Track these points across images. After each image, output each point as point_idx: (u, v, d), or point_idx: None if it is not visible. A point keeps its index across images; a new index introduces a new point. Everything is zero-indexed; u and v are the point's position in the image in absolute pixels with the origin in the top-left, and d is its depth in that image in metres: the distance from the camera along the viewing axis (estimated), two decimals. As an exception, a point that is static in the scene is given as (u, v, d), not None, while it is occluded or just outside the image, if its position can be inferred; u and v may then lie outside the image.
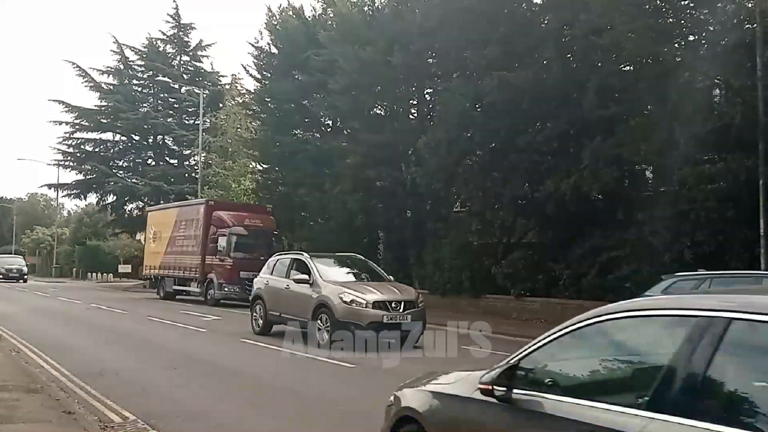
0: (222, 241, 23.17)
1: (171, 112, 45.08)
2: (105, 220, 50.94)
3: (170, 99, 45.44)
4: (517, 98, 18.32)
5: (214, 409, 7.54)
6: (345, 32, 25.17)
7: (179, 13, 44.25)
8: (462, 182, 20.59)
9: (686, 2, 16.21)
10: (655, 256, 15.73)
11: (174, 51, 45.28)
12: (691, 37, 16.37)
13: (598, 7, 15.81)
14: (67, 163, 45.17)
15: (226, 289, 23.23)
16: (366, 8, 26.56)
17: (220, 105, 40.76)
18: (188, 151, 43.58)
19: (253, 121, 34.49)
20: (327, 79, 25.04)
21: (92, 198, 47.42)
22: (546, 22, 19.84)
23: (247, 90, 37.79)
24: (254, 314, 14.58)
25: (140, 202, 44.76)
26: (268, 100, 31.13)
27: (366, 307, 11.78)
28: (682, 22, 16.30)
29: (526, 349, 3.52)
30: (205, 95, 38.87)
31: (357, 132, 25.08)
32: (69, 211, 78.32)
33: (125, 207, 46.02)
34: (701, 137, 14.84)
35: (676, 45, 15.98)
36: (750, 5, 12.80)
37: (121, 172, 45.13)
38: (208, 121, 39.03)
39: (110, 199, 45.49)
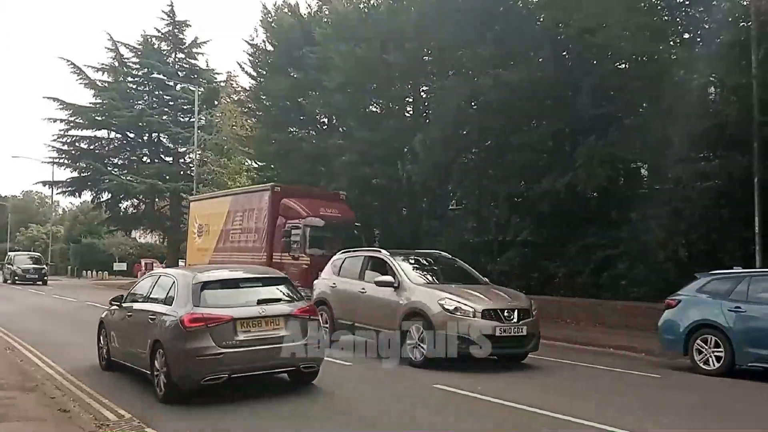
0: (295, 235, 19.01)
1: (166, 109, 44.95)
2: (100, 218, 50.80)
3: (165, 96, 45.30)
4: (513, 97, 18.34)
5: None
6: (340, 29, 25.12)
7: (174, 10, 44.18)
8: (457, 180, 20.61)
9: (681, 0, 16.23)
10: (650, 255, 15.80)
11: (169, 48, 45.14)
12: (686, 36, 16.42)
13: (593, 6, 15.80)
14: (61, 161, 45.01)
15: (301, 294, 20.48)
16: (361, 6, 26.48)
17: (216, 102, 40.60)
18: (183, 149, 43.49)
19: (248, 118, 34.36)
20: (322, 76, 24.97)
21: (87, 196, 47.29)
22: (541, 20, 19.84)
23: (242, 87, 37.66)
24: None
25: (135, 200, 44.65)
26: (264, 97, 31.05)
27: (474, 317, 9.74)
28: (677, 20, 16.34)
29: None
30: (200, 92, 38.75)
31: (352, 129, 25.05)
32: (64, 209, 78.21)
33: (120, 205, 45.89)
34: (696, 135, 14.89)
35: (671, 43, 16.01)
36: (745, 3, 12.85)
37: (116, 169, 45.00)
38: (204, 118, 38.94)
39: (105, 196, 45.31)
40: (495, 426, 6.98)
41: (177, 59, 45.10)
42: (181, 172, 43.12)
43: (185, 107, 43.98)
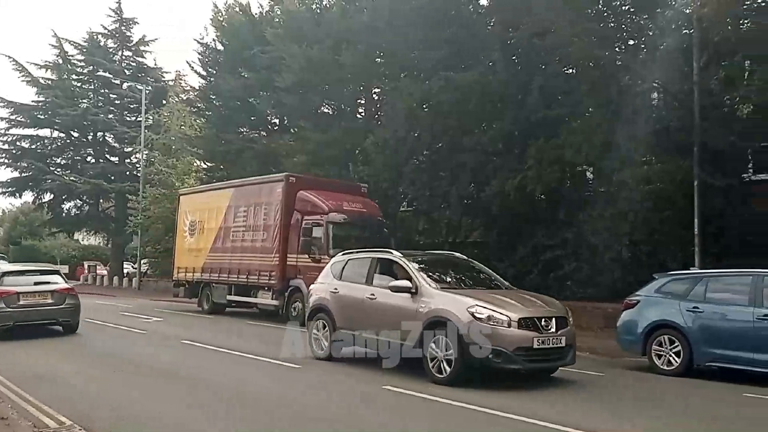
0: (317, 233, 16.50)
1: (112, 108, 43.78)
2: (41, 219, 49.16)
3: (111, 95, 44.14)
4: (464, 99, 18.51)
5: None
6: (292, 30, 24.99)
7: (121, 7, 43.05)
8: (409, 181, 20.67)
9: (627, 7, 16.67)
10: (595, 255, 16.15)
11: (115, 46, 44.01)
12: (631, 42, 16.86)
13: (542, 11, 16.10)
14: (1, 160, 43.38)
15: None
16: (314, 6, 26.42)
17: (164, 102, 39.83)
18: (130, 149, 42.45)
19: (197, 118, 33.88)
20: (274, 76, 24.80)
21: (28, 196, 45.53)
22: (492, 24, 20.13)
23: (191, 87, 37.15)
24: (314, 332, 10.96)
25: (79, 201, 43.38)
26: (214, 97, 30.64)
27: (510, 327, 8.46)
28: (623, 26, 16.76)
29: None
30: (147, 91, 37.97)
31: (304, 130, 24.90)
32: (3, 210, 75.38)
33: (63, 206, 44.49)
34: (640, 139, 15.31)
35: (617, 49, 16.41)
36: (687, 11, 13.25)
37: (58, 169, 43.55)
38: (151, 118, 38.12)
39: (47, 197, 43.84)
40: (445, 426, 7.00)
41: (124, 57, 44.02)
42: (127, 173, 42.11)
43: (132, 106, 42.97)
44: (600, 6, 16.53)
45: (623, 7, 16.64)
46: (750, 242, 14.77)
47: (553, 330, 8.70)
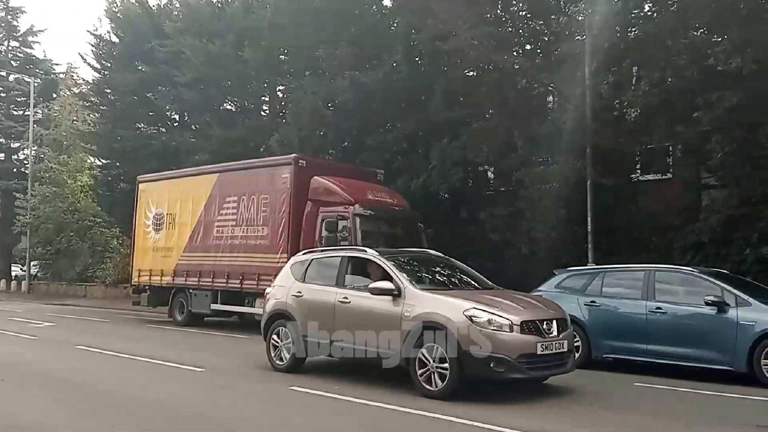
0: (342, 229, 13.83)
1: (-3, 101, 41.14)
2: None
3: (-4, 87, 41.46)
4: (368, 98, 18.66)
5: None
6: (192, 23, 24.35)
7: (7, -6, 40.48)
8: (314, 180, 20.56)
9: (524, 13, 17.25)
10: (497, 252, 16.69)
11: (1, 36, 41.36)
12: (528, 47, 17.47)
13: (443, 14, 16.43)
14: None
15: None
16: (215, 0, 25.81)
17: (54, 95, 37.86)
18: (17, 145, 39.99)
19: (91, 113, 32.40)
20: (173, 71, 24.08)
21: None
22: (395, 25, 20.35)
23: (84, 80, 35.48)
24: (273, 342, 9.72)
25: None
26: (108, 91, 29.32)
27: (512, 331, 7.59)
28: (520, 32, 17.33)
29: None
30: (36, 84, 35.88)
31: (206, 127, 24.33)
32: None
33: (-59, 204, 41.35)
34: (536, 140, 15.94)
35: (515, 53, 16.98)
36: (580, 19, 13.88)
37: (-64, 165, 40.51)
38: (40, 112, 36.14)
39: (-76, 195, 40.65)
40: (347, 425, 7.03)
41: (10, 48, 41.33)
42: (14, 170, 39.62)
43: (19, 99, 40.42)
44: (498, 11, 17.03)
45: (520, 13, 17.22)
46: (637, 238, 15.70)
47: (555, 334, 7.88)
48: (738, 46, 11.96)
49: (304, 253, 10.44)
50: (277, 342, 9.66)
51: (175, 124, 28.64)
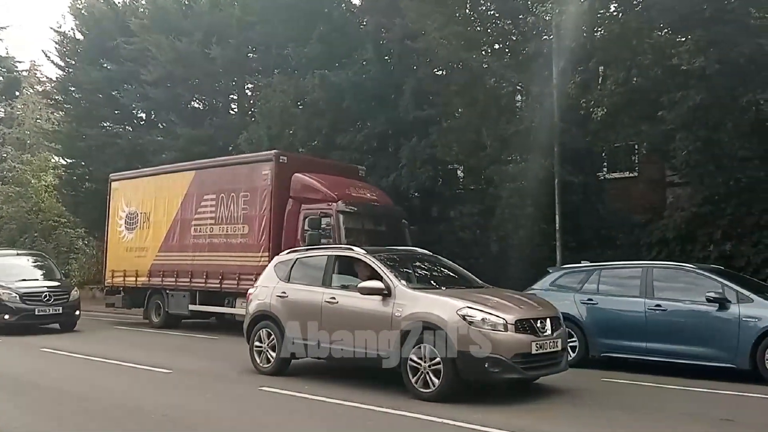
0: (326, 227, 13.49)
1: (-44, 99, 40.16)
2: None
3: (-45, 85, 40.47)
4: (338, 97, 18.61)
5: None
6: (159, 21, 24.03)
7: (-35, -12, 39.58)
8: (284, 179, 20.45)
9: (492, 12, 17.35)
10: (467, 250, 16.77)
11: (-40, 32, 40.38)
12: (497, 46, 17.58)
13: (413, 13, 16.47)
14: None
15: None
16: (182, -3, 25.53)
17: (17, 93, 37.08)
18: (-22, 143, 39.18)
19: (55, 111, 31.83)
20: (139, 69, 23.76)
21: None
22: (364, 24, 20.33)
23: (48, 78, 34.73)
24: (258, 344, 9.52)
25: None
26: (73, 89, 28.76)
27: (507, 330, 7.44)
28: (489, 31, 17.42)
29: None
30: (-2, 81, 35.23)
31: (173, 126, 24.03)
32: None
33: None
34: (505, 139, 16.04)
35: (483, 53, 17.06)
36: (547, 18, 13.98)
37: None
38: (3, 110, 35.40)
39: None
40: (317, 425, 7.00)
41: (-31, 44, 40.52)
42: (-24, 169, 38.82)
43: (-20, 97, 39.66)
44: (467, 11, 17.10)
45: (489, 13, 17.32)
46: (604, 236, 15.91)
47: (549, 332, 7.78)
48: (701, 46, 12.18)
49: (287, 253, 10.19)
50: (261, 345, 9.47)
51: (141, 123, 28.24)
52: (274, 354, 9.29)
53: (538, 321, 7.76)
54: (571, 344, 9.76)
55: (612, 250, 15.24)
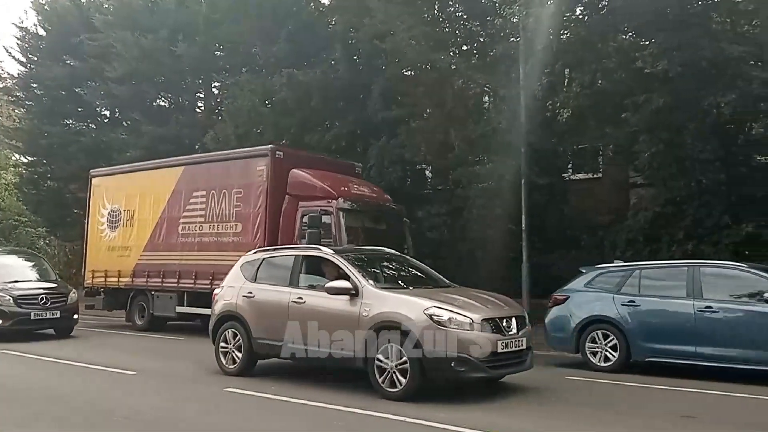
0: (326, 225, 12.92)
1: None
2: None
3: None
4: (306, 96, 18.54)
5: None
6: (123, 17, 23.70)
7: None
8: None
9: (460, 14, 17.45)
10: (435, 250, 16.81)
11: None
12: (465, 47, 17.69)
13: (381, 14, 16.47)
14: None
15: None
16: (148, -7, 25.18)
17: (-24, 89, 36.20)
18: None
19: (16, 108, 31.11)
20: (104, 65, 23.37)
21: None
22: (333, 23, 20.29)
23: (9, 74, 33.91)
24: (223, 344, 9.38)
25: None
26: (35, 86, 28.17)
27: (473, 330, 7.45)
28: (457, 32, 17.54)
29: None
30: (-45, 77, 34.29)
31: (138, 124, 23.69)
32: None
33: None
34: (473, 140, 16.14)
35: (451, 54, 17.15)
36: (515, 20, 14.11)
37: None
38: (-40, 106, 34.46)
39: None
40: (283, 425, 6.94)
41: (-74, 37, 39.38)
42: (-68, 167, 37.75)
43: (-63, 93, 38.58)
44: (435, 12, 17.19)
45: (457, 14, 17.42)
46: (569, 236, 16.13)
47: (515, 331, 7.82)
48: (665, 49, 12.41)
49: (254, 253, 10.05)
50: (227, 345, 9.33)
51: (105, 121, 27.83)
52: (240, 354, 9.18)
53: (504, 320, 7.78)
54: (610, 348, 9.75)
55: (576, 250, 15.45)
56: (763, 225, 12.96)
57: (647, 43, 13.10)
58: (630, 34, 14.17)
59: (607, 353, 9.84)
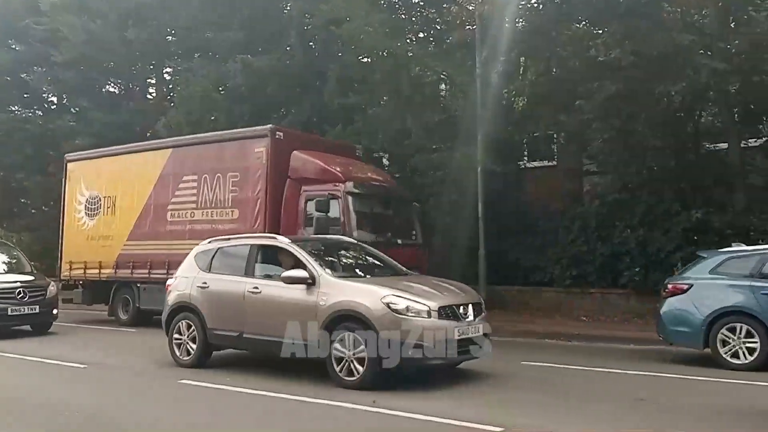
0: (334, 210, 12.03)
1: None
2: None
3: None
4: (261, 83, 18.28)
5: None
6: (71, 1, 22.91)
7: None
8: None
9: (417, 1, 17.41)
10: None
11: None
12: (421, 35, 17.67)
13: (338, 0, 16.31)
14: None
15: None
16: (95, -24, 24.39)
17: None
18: None
19: (-43, 94, 29.90)
20: (50, 50, 22.60)
21: None
22: (288, 8, 20.01)
23: (-51, 58, 32.58)
24: (177, 336, 9.19)
25: None
26: (-23, 72, 27.17)
27: (430, 317, 7.46)
28: (413, 19, 17.51)
29: None
30: None
31: (87, 110, 23.03)
32: None
33: None
34: (430, 127, 16.16)
35: (408, 41, 17.10)
36: (471, 8, 14.13)
37: None
38: None
39: None
40: (238, 417, 6.85)
41: None
42: None
43: None
44: (392, -2, 17.13)
45: (413, 1, 17.37)
46: (525, 223, 16.30)
47: (471, 318, 7.86)
48: (617, 38, 12.59)
49: (209, 242, 9.75)
50: (181, 336, 9.13)
51: (52, 107, 26.98)
52: (194, 346, 9.00)
53: (461, 307, 7.82)
54: (749, 345, 8.49)
55: (532, 237, 15.64)
56: (712, 211, 13.33)
57: (600, 32, 13.27)
58: (584, 22, 14.33)
59: (745, 349, 8.51)
